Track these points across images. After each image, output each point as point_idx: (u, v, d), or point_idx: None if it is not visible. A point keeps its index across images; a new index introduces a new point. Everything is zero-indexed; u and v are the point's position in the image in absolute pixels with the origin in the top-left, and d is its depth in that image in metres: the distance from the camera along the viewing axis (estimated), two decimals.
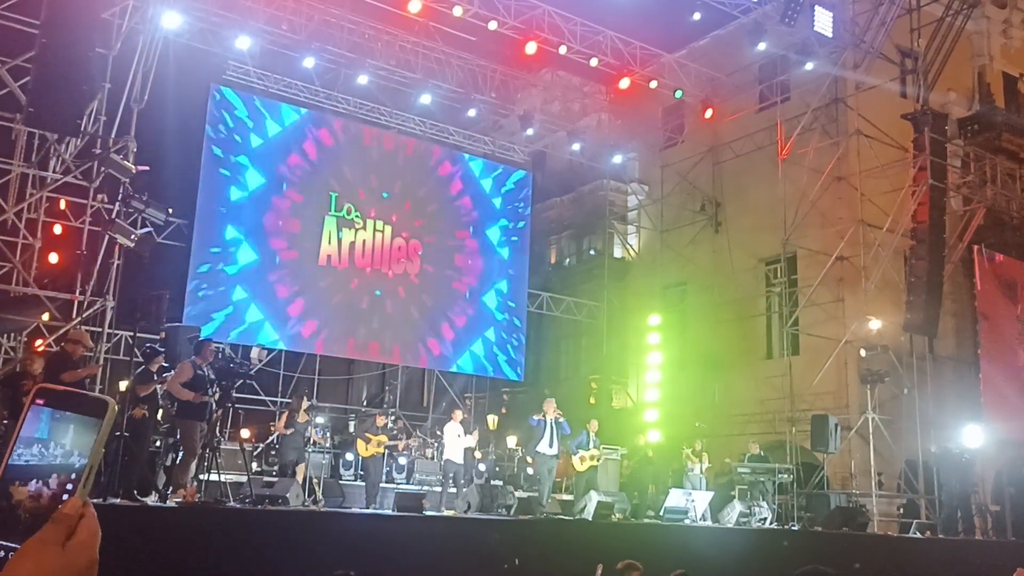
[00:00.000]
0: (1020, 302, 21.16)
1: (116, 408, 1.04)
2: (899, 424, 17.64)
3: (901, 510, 17.96)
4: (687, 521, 13.04)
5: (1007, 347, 20.65)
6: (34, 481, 1.00)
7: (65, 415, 1.02)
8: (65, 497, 1.00)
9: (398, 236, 19.29)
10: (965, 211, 20.16)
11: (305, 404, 13.92)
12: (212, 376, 10.41)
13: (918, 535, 15.00)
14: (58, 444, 1.01)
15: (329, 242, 18.36)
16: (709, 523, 13.69)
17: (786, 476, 15.95)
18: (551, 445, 14.13)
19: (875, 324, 18.08)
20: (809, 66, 18.15)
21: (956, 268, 19.49)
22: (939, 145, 17.81)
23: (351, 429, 17.68)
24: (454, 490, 14.26)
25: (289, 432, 13.29)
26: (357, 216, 18.76)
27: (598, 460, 15.03)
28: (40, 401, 1.03)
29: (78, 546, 0.99)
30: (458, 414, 14.87)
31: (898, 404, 17.92)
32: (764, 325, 21.17)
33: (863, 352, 18.12)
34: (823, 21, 16.84)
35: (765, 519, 14.61)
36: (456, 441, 14.22)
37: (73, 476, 1.01)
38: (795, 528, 14.58)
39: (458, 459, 14.20)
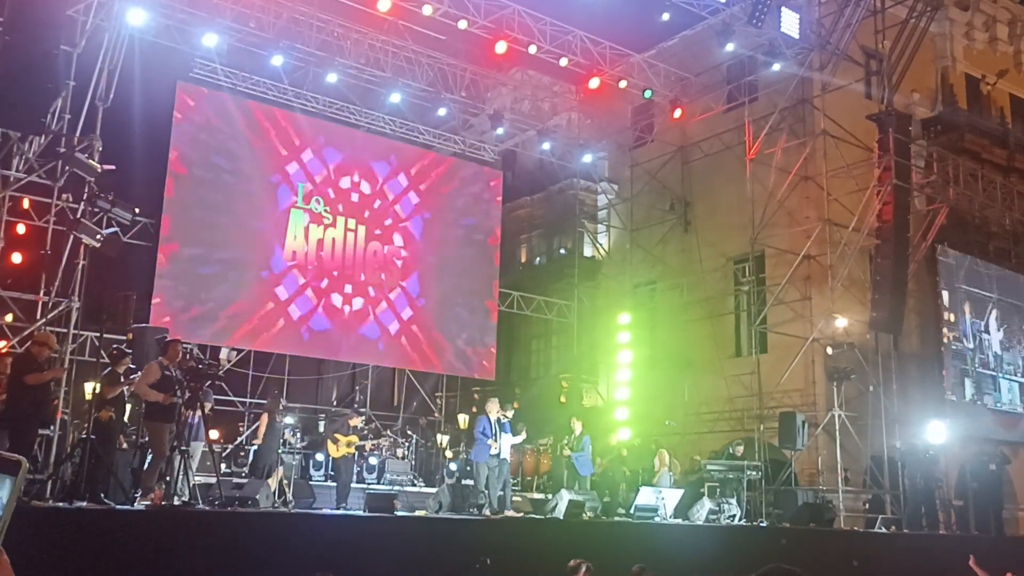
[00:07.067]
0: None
1: (27, 467, 1.05)
2: (865, 421, 17.87)
3: (867, 505, 18.21)
4: (657, 519, 13.12)
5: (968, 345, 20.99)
6: None
7: None
8: None
9: (373, 239, 19.13)
10: (928, 211, 20.47)
11: (279, 405, 13.83)
12: (180, 377, 10.30)
13: (883, 530, 15.22)
14: None
15: (295, 238, 18.13)
16: (679, 520, 13.79)
17: (754, 473, 16.11)
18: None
19: (841, 322, 18.32)
20: (776, 67, 18.34)
21: (920, 267, 19.78)
22: (903, 146, 18.08)
23: (321, 429, 17.59)
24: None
25: (266, 435, 13.20)
26: (326, 211, 18.57)
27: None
28: None
29: None
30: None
31: (864, 401, 18.16)
32: (733, 323, 21.35)
33: (830, 350, 18.34)
34: (789, 22, 17.00)
35: (734, 516, 14.74)
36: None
37: None
38: (763, 524, 14.72)
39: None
